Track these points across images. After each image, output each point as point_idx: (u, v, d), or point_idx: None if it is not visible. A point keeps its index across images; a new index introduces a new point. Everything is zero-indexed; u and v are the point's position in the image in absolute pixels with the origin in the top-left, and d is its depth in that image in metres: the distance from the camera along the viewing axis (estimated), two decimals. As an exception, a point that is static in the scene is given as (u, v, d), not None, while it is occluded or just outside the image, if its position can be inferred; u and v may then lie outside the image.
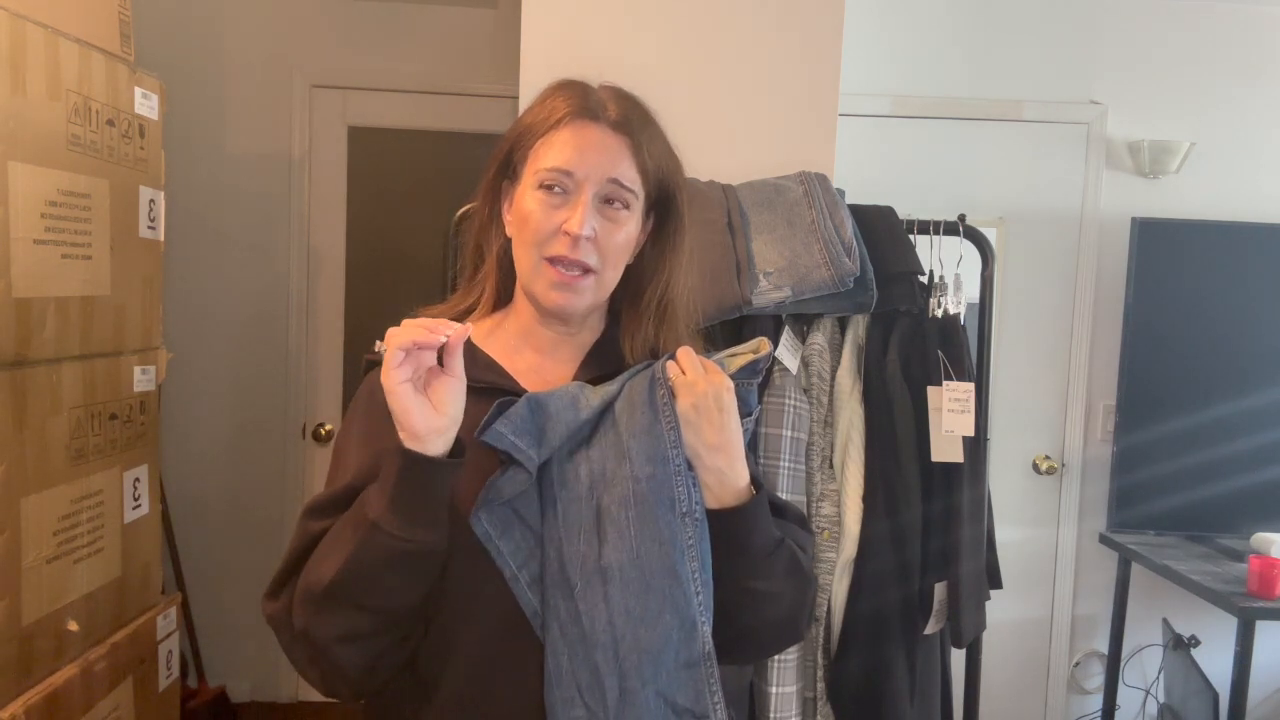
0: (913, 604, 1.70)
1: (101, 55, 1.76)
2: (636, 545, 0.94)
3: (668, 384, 0.99)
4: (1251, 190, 3.10)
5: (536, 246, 1.02)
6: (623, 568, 0.94)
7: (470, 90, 3.29)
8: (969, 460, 1.72)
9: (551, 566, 0.96)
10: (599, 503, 0.96)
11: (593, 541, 0.95)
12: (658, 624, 0.94)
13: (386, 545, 0.90)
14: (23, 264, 1.54)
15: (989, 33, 3.05)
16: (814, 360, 1.72)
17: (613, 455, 0.98)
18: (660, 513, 0.95)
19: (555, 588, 0.95)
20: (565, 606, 0.95)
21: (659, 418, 0.98)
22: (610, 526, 0.95)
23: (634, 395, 1.00)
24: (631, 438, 0.97)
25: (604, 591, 0.94)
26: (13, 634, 1.56)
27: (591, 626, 0.94)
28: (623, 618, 0.93)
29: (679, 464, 0.97)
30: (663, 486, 0.96)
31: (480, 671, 0.98)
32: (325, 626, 0.93)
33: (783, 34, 1.96)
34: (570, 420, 0.97)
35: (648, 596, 0.94)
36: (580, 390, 1.01)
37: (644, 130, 1.06)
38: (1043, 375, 3.14)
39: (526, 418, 0.96)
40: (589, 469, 0.98)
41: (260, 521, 3.26)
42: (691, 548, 0.96)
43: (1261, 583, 2.45)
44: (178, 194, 2.42)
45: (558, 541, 0.96)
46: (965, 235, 1.81)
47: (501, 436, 0.94)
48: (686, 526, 0.96)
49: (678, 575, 0.94)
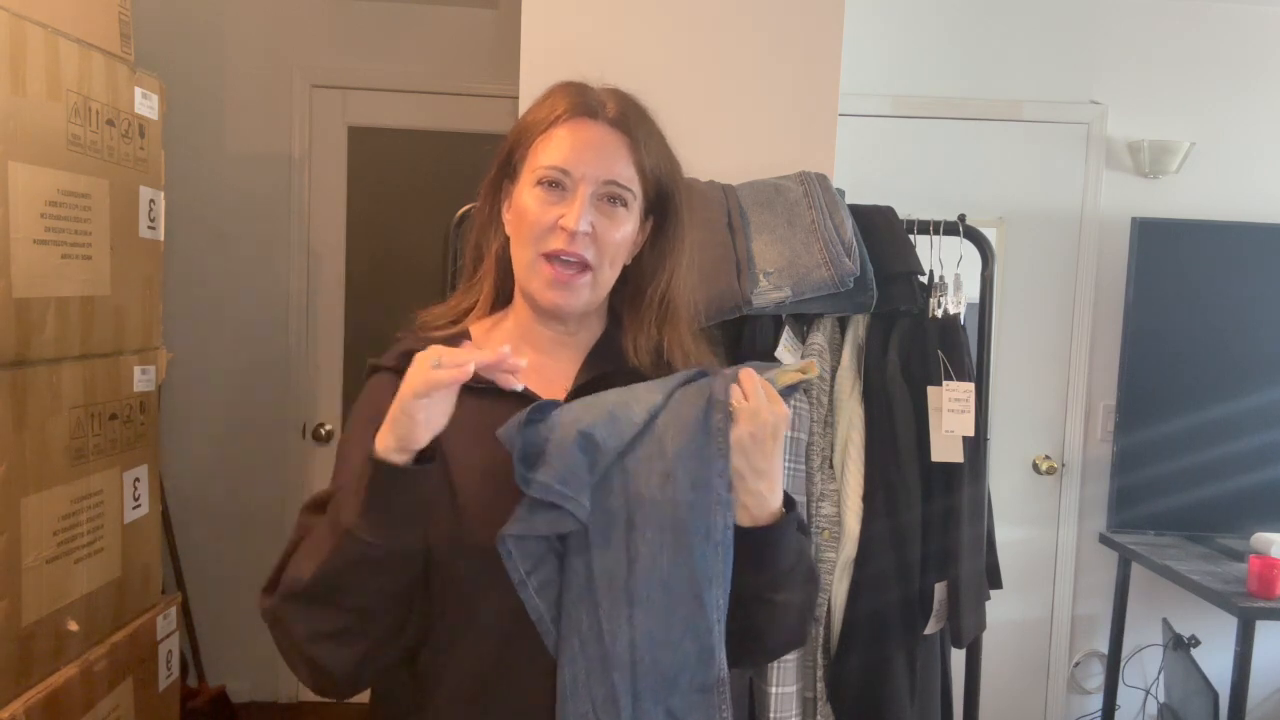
0: (913, 604, 1.70)
1: (101, 55, 1.76)
2: (667, 571, 0.94)
3: (728, 409, 0.96)
4: (1251, 190, 3.10)
5: (533, 242, 1.02)
6: (650, 592, 0.93)
7: (470, 90, 3.29)
8: (969, 460, 1.72)
9: (577, 578, 0.95)
10: (632, 518, 0.95)
11: (621, 559, 0.94)
12: (678, 649, 0.94)
13: (360, 551, 0.90)
14: (23, 264, 1.54)
15: (989, 33, 3.05)
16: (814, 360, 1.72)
17: (655, 474, 0.95)
18: (695, 541, 0.94)
19: (579, 601, 0.94)
20: (588, 622, 0.94)
21: (710, 442, 0.96)
22: (643, 547, 0.94)
23: (684, 412, 0.97)
24: (677, 460, 0.95)
25: (629, 613, 0.93)
26: (13, 634, 1.56)
27: (614, 646, 0.93)
28: (645, 640, 0.93)
29: (721, 493, 0.95)
30: (702, 514, 0.94)
31: (481, 671, 0.98)
32: (304, 624, 0.94)
33: (783, 34, 1.96)
34: (615, 446, 0.94)
35: (671, 622, 0.93)
36: (620, 403, 0.97)
37: (642, 128, 1.06)
38: (1043, 375, 3.14)
39: (579, 461, 0.92)
40: (623, 482, 0.95)
41: (260, 522, 3.26)
42: (719, 577, 0.95)
43: (1261, 583, 2.45)
44: (178, 194, 2.42)
45: (586, 553, 0.94)
46: (965, 235, 1.81)
47: (548, 489, 0.91)
48: (718, 556, 0.95)
49: (703, 604, 0.94)
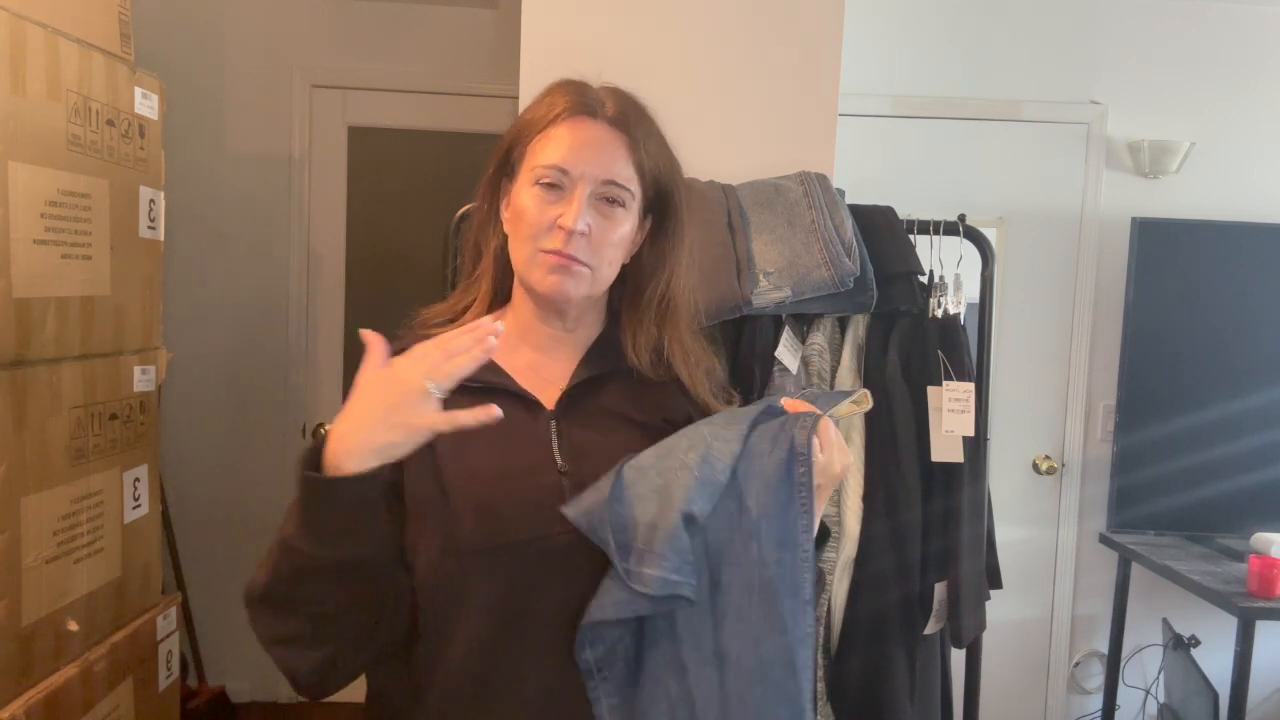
0: (913, 604, 1.70)
1: (101, 55, 1.76)
2: (757, 633, 0.90)
3: (810, 461, 0.93)
4: (1251, 190, 3.10)
5: (532, 240, 1.02)
6: (740, 655, 0.90)
7: (470, 90, 3.29)
8: (969, 460, 1.72)
9: (661, 640, 0.92)
10: (717, 578, 0.92)
11: (707, 619, 0.92)
12: (770, 715, 0.91)
13: (302, 562, 0.90)
14: (23, 264, 1.54)
15: (989, 33, 3.05)
16: (814, 360, 1.72)
17: (738, 532, 0.92)
18: (784, 600, 0.90)
19: (667, 665, 0.93)
20: (677, 688, 0.92)
21: (794, 497, 0.92)
22: (730, 608, 0.91)
23: (764, 463, 0.94)
24: (762, 517, 0.92)
25: (719, 677, 0.91)
26: (13, 634, 1.55)
27: (705, 714, 0.91)
28: (737, 705, 0.91)
29: (807, 550, 0.92)
30: (790, 573, 0.91)
31: (477, 669, 0.98)
32: (263, 629, 0.94)
33: (783, 34, 1.96)
34: (709, 511, 0.91)
35: (765, 687, 0.91)
36: (702, 459, 0.93)
37: (641, 127, 1.06)
38: (1043, 375, 3.13)
39: (686, 545, 0.89)
40: (703, 538, 0.92)
41: (260, 521, 3.24)
42: (810, 636, 0.92)
43: (1261, 583, 2.45)
44: (178, 194, 2.42)
45: (669, 616, 0.92)
46: (965, 235, 1.81)
47: (669, 583, 0.88)
48: (808, 615, 0.91)
49: (794, 666, 0.90)
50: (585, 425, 1.06)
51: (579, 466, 1.02)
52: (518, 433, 1.02)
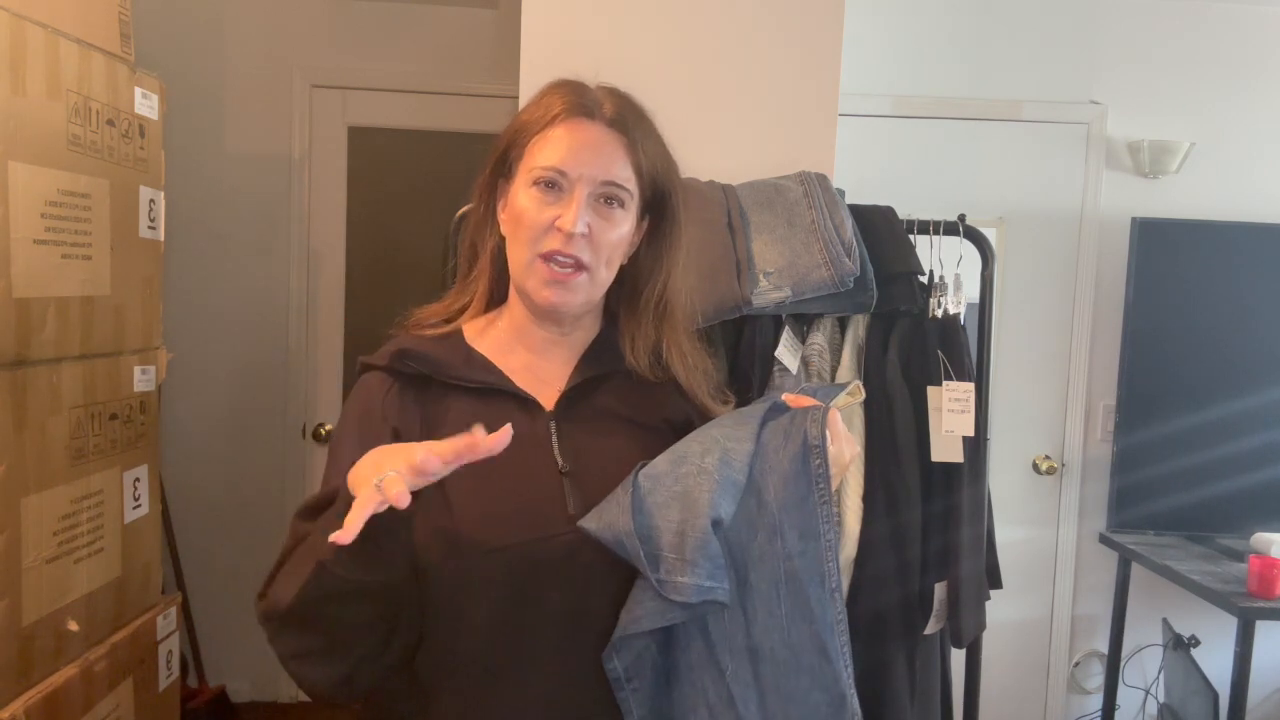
0: (913, 604, 1.69)
1: (101, 55, 1.76)
2: (787, 625, 0.92)
3: (825, 452, 0.94)
4: (1251, 190, 3.10)
5: (530, 243, 1.02)
6: (773, 648, 0.92)
7: (470, 90, 3.29)
8: (969, 460, 1.72)
9: (693, 643, 0.93)
10: (744, 576, 0.93)
11: (738, 617, 0.93)
12: (806, 701, 0.92)
13: (336, 584, 0.88)
14: (23, 264, 1.54)
15: (989, 33, 3.05)
16: (814, 360, 1.72)
17: (761, 529, 0.93)
18: (811, 590, 0.92)
19: (702, 669, 0.93)
20: (715, 690, 0.92)
21: (813, 489, 0.94)
22: (759, 604, 0.92)
23: (781, 460, 0.95)
24: (783, 511, 0.93)
25: (754, 670, 0.92)
26: (13, 634, 1.55)
27: (746, 710, 0.92)
28: (774, 696, 0.92)
29: (830, 539, 0.93)
30: (814, 563, 0.93)
31: (480, 668, 0.98)
32: (284, 645, 0.93)
33: (783, 34, 1.96)
34: (731, 510, 0.92)
35: (799, 676, 0.92)
36: (718, 462, 0.93)
37: (639, 128, 1.06)
38: (1043, 375, 3.13)
39: (718, 550, 0.90)
40: (727, 539, 0.93)
41: (260, 521, 3.26)
42: (840, 622, 0.93)
43: (1261, 583, 2.45)
44: (178, 194, 2.42)
45: (700, 620, 0.93)
46: (965, 235, 1.81)
47: (705, 590, 0.89)
48: (836, 602, 0.93)
49: (827, 653, 0.92)
50: (585, 426, 1.06)
51: (580, 467, 1.02)
52: (518, 433, 1.02)
